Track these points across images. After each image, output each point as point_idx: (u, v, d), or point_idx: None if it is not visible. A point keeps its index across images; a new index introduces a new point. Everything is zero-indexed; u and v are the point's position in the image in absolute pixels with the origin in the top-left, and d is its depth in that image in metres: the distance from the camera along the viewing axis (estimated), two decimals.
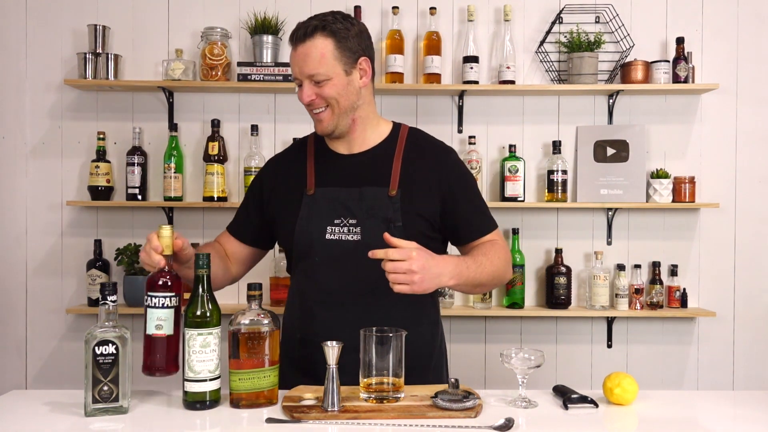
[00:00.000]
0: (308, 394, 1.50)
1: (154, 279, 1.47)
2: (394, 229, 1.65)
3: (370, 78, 1.72)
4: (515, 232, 3.01)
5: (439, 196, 1.72)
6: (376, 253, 1.49)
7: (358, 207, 1.68)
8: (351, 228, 1.67)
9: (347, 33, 1.65)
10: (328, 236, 1.67)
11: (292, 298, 1.80)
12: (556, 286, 2.98)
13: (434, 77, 2.96)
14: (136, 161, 2.95)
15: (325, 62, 1.62)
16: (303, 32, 1.62)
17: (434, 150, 1.78)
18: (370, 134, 1.76)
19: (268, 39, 2.94)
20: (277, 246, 3.03)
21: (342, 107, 1.68)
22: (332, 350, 1.42)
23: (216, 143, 2.96)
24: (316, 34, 1.62)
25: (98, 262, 2.97)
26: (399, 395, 1.47)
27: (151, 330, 1.46)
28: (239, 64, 2.93)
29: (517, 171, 2.96)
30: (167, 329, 1.46)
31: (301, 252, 1.69)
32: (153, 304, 1.46)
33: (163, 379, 3.10)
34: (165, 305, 1.46)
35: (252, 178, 2.92)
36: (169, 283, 1.47)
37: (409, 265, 1.47)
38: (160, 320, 1.46)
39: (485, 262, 1.66)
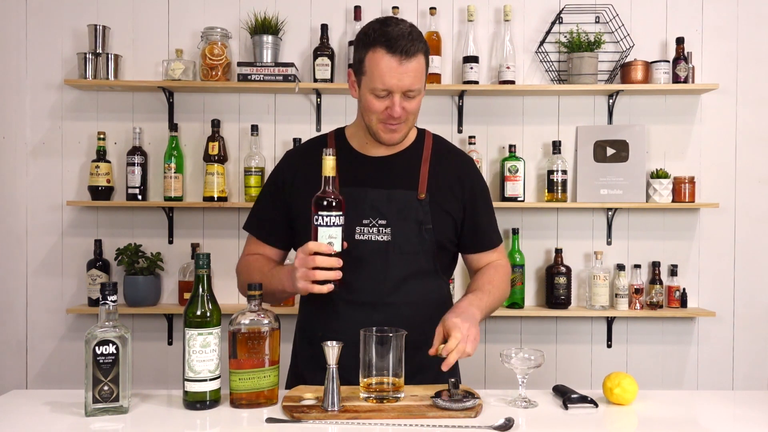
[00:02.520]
0: (308, 394, 1.50)
1: (321, 199, 1.52)
2: (425, 231, 1.69)
3: None
4: (515, 232, 3.01)
5: (462, 202, 1.76)
6: (440, 351, 1.52)
7: (388, 208, 1.69)
8: (381, 228, 1.69)
9: (428, 47, 1.70)
10: (357, 236, 1.68)
11: (310, 295, 1.79)
12: (556, 286, 2.98)
13: (434, 77, 2.96)
14: (136, 161, 2.95)
15: (422, 78, 1.65)
16: (413, 48, 1.60)
17: (458, 157, 1.83)
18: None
19: (268, 39, 2.94)
20: None
21: (415, 120, 1.73)
22: (332, 350, 1.42)
23: (216, 143, 2.96)
24: (420, 51, 1.62)
25: (98, 262, 2.97)
26: (399, 395, 1.47)
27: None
28: (239, 64, 2.93)
29: (517, 171, 2.96)
30: (337, 246, 1.52)
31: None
32: (324, 223, 1.51)
33: (163, 379, 3.10)
34: (335, 223, 1.52)
35: (252, 178, 2.93)
36: (334, 203, 1.52)
37: (462, 335, 1.53)
38: (331, 237, 1.52)
39: (493, 290, 1.75)
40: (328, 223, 1.51)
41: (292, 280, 1.56)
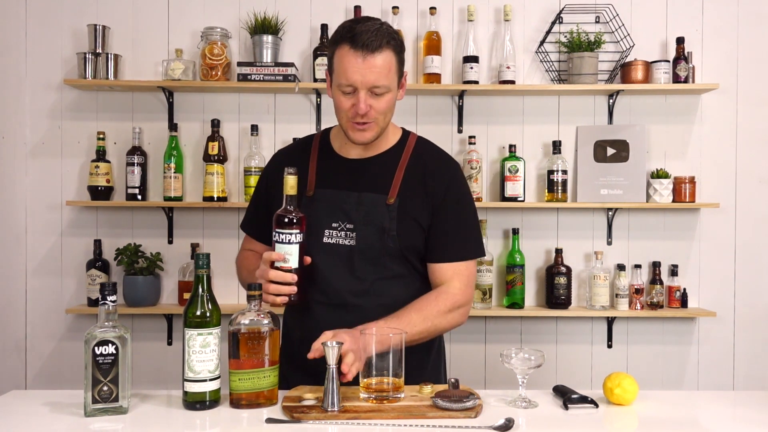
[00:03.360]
0: (308, 394, 1.50)
1: (281, 216, 1.57)
2: (388, 238, 1.67)
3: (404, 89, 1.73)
4: (515, 232, 3.01)
5: (431, 206, 1.71)
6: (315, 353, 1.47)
7: (356, 212, 1.68)
8: (347, 233, 1.68)
9: (402, 46, 1.66)
10: (325, 239, 1.68)
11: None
12: (556, 286, 2.98)
13: (434, 77, 2.96)
14: (136, 161, 2.95)
15: (390, 76, 1.61)
16: (376, 43, 1.57)
17: (437, 161, 1.77)
18: (381, 140, 1.74)
19: (268, 39, 2.94)
20: None
21: (386, 120, 1.68)
22: (332, 350, 1.42)
23: (216, 143, 2.96)
24: (385, 46, 1.59)
25: (98, 262, 2.97)
26: (399, 395, 1.47)
27: (279, 263, 1.57)
28: (239, 64, 2.93)
29: (517, 171, 2.95)
30: (293, 263, 1.56)
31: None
32: (280, 240, 1.57)
33: (162, 379, 3.10)
34: (291, 241, 1.56)
35: (252, 178, 2.93)
36: (295, 221, 1.57)
37: (352, 357, 1.45)
38: (287, 254, 1.56)
39: (415, 319, 1.61)
40: (284, 241, 1.56)
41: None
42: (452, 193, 1.72)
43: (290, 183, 1.58)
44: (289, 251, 1.56)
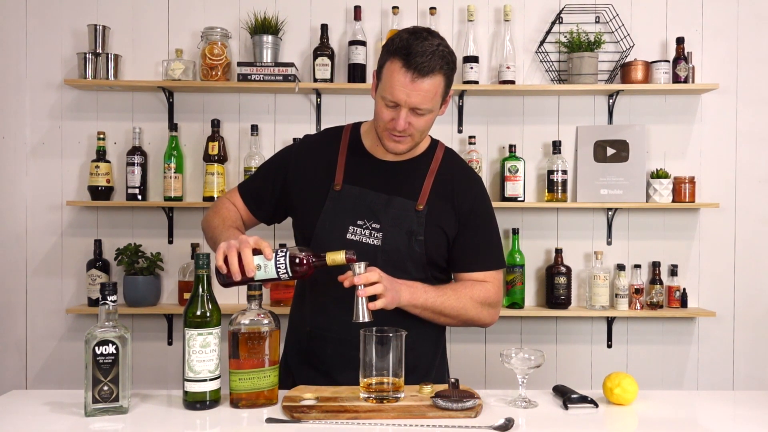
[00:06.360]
0: (308, 394, 1.50)
1: (295, 257, 1.50)
2: (415, 242, 1.69)
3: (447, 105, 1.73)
4: (515, 232, 3.01)
5: (458, 218, 1.75)
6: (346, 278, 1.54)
7: (384, 213, 1.69)
8: (373, 232, 1.69)
9: (454, 69, 1.65)
10: (349, 236, 1.69)
11: (303, 289, 1.81)
12: (556, 286, 2.98)
13: None
14: (136, 161, 2.95)
15: (435, 99, 1.63)
16: (428, 68, 1.57)
17: (465, 175, 1.81)
18: None
19: (268, 39, 2.94)
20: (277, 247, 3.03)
21: (422, 135, 1.70)
22: (358, 267, 1.49)
23: (216, 143, 2.96)
24: (437, 71, 1.59)
25: (98, 262, 2.97)
26: (399, 395, 1.47)
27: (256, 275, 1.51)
28: (239, 64, 2.93)
29: (517, 171, 2.96)
30: (258, 273, 1.49)
31: (319, 246, 1.68)
32: (277, 262, 1.49)
33: (163, 379, 3.10)
34: (279, 273, 1.49)
35: None
36: (301, 270, 1.50)
37: (378, 277, 1.53)
38: (266, 267, 1.49)
39: (450, 294, 1.70)
40: (279, 268, 1.49)
41: (222, 245, 1.54)
42: (478, 208, 1.78)
43: (337, 260, 1.50)
44: (268, 268, 1.49)
